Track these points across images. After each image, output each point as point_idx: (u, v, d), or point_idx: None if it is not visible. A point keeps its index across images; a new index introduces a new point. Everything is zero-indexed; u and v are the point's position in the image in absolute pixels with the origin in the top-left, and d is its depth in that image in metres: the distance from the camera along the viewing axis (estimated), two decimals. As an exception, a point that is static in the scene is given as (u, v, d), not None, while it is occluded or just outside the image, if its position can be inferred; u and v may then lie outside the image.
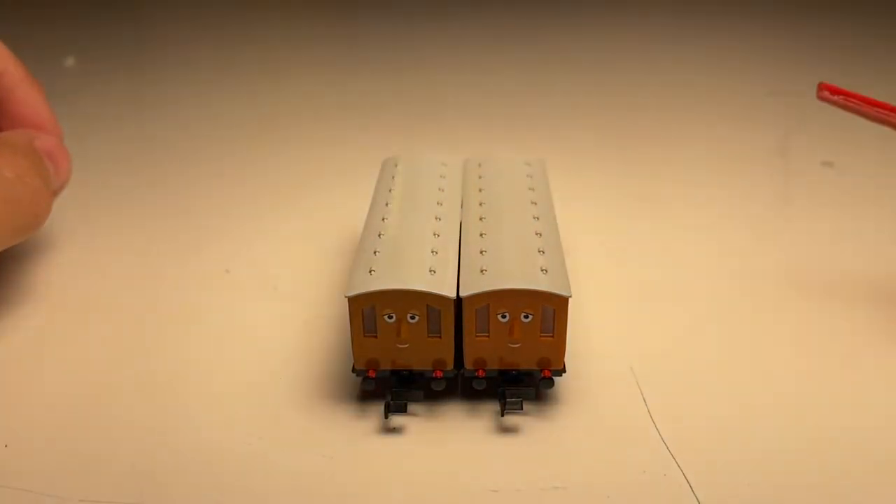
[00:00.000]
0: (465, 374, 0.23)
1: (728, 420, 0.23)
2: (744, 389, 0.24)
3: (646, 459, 0.21)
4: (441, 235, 0.24)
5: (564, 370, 0.23)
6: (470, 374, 0.23)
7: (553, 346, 0.22)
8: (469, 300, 0.22)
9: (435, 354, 0.22)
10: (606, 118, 0.47)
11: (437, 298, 0.21)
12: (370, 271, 0.22)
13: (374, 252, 0.23)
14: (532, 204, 0.26)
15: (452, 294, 0.22)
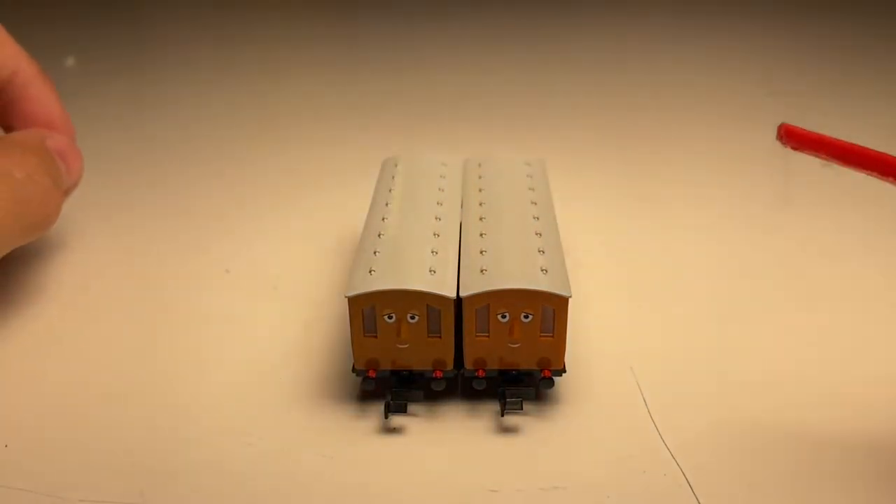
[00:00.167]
0: (465, 374, 0.23)
1: (728, 420, 0.23)
2: (744, 389, 0.24)
3: (646, 459, 0.21)
4: (441, 235, 0.24)
5: (564, 370, 0.23)
6: (470, 374, 0.23)
7: (553, 346, 0.22)
8: (469, 300, 0.22)
9: (435, 354, 0.22)
10: (606, 118, 0.47)
11: (437, 298, 0.21)
12: (370, 271, 0.22)
13: (374, 252, 0.23)
14: (532, 204, 0.26)
15: (452, 294, 0.22)
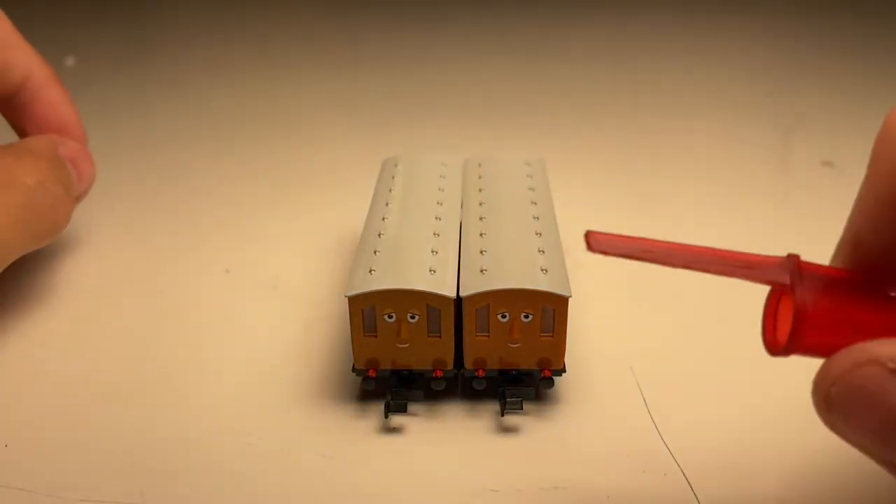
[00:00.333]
0: (465, 374, 0.23)
1: (728, 420, 0.23)
2: (744, 389, 0.24)
3: (646, 459, 0.21)
4: (441, 235, 0.24)
5: (564, 370, 0.23)
6: (470, 373, 0.23)
7: (553, 346, 0.22)
8: (469, 300, 0.22)
9: (435, 354, 0.22)
10: (606, 118, 0.47)
11: (437, 298, 0.21)
12: (370, 271, 0.22)
13: (375, 252, 0.23)
14: (532, 204, 0.26)
15: (452, 294, 0.22)
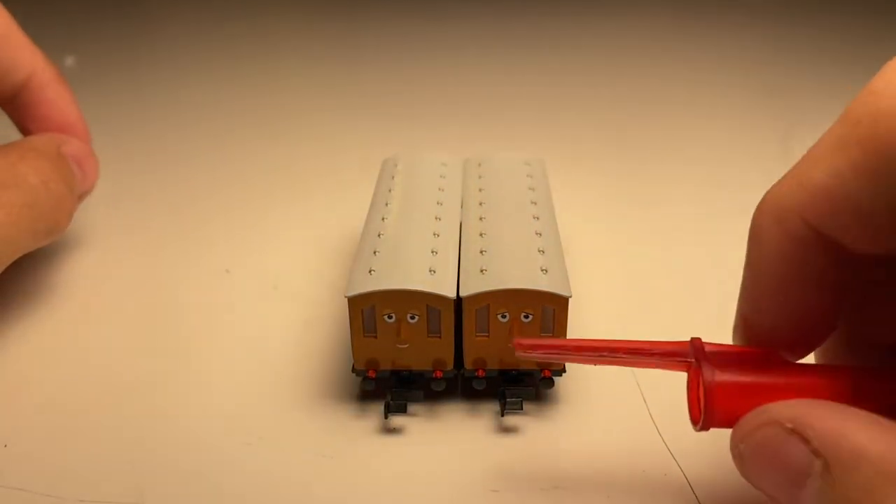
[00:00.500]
0: (465, 374, 0.23)
1: (728, 420, 0.23)
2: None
3: (646, 459, 0.21)
4: (441, 235, 0.24)
5: (564, 370, 0.23)
6: (470, 374, 0.23)
7: (553, 346, 0.22)
8: (469, 300, 0.22)
9: (435, 354, 0.22)
10: (606, 118, 0.47)
11: (437, 298, 0.21)
12: (370, 271, 0.22)
13: (374, 252, 0.23)
14: (532, 204, 0.26)
15: (452, 294, 0.22)
